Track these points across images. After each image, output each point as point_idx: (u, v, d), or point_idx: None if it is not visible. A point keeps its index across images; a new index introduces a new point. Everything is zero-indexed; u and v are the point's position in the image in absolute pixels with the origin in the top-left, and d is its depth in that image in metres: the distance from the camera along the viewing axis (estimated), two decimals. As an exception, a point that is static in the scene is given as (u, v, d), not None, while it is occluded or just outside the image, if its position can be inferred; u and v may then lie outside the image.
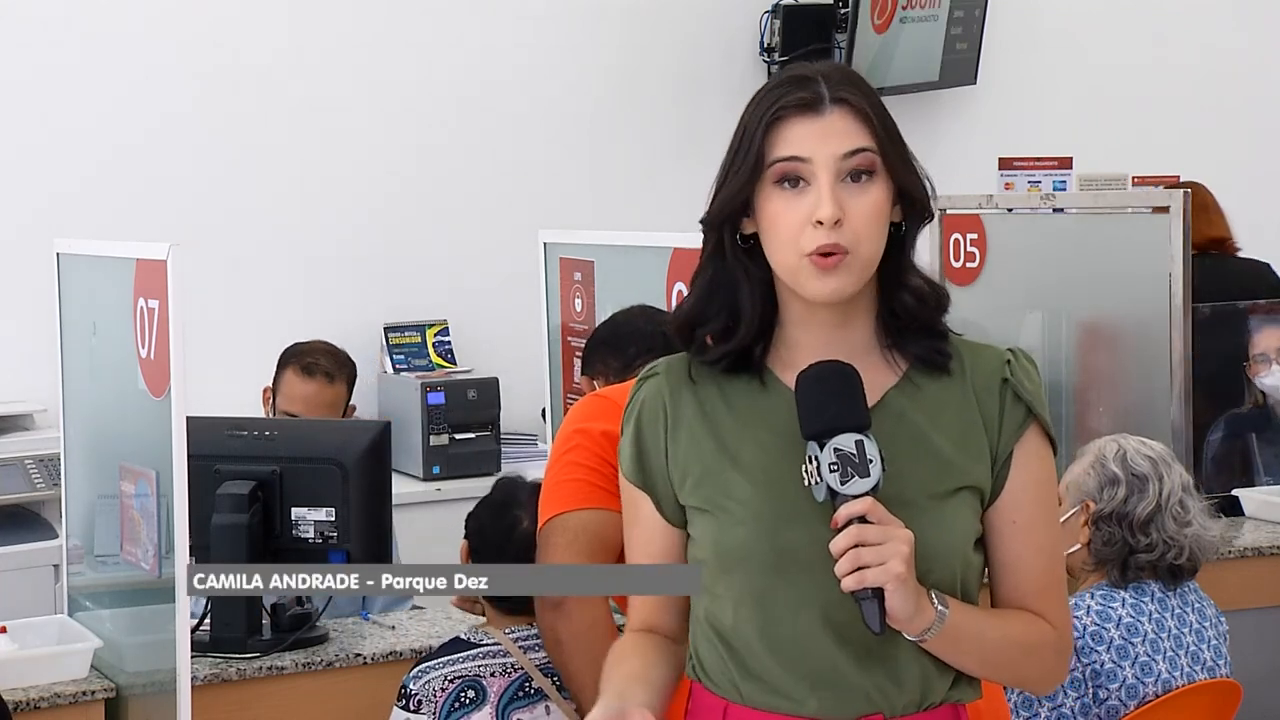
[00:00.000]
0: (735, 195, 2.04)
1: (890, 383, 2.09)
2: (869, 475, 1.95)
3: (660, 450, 2.11)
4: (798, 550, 2.00)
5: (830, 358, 2.03)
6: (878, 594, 1.94)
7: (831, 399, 1.99)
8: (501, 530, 3.13)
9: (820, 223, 1.98)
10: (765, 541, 2.02)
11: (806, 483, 1.98)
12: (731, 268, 2.07)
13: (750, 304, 2.07)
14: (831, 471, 1.96)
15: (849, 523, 1.94)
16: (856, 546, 1.93)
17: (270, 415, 4.51)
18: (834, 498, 1.96)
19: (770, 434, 2.05)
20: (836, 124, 2.01)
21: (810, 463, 1.98)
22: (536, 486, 3.13)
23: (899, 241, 2.07)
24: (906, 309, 2.07)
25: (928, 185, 2.08)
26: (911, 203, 2.06)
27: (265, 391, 4.60)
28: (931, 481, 2.05)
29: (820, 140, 2.00)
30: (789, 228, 2.00)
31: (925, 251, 3.57)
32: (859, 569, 1.93)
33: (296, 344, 4.62)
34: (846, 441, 1.96)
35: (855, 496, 1.95)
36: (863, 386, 2.00)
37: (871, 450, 1.96)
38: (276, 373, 4.55)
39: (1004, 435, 2.08)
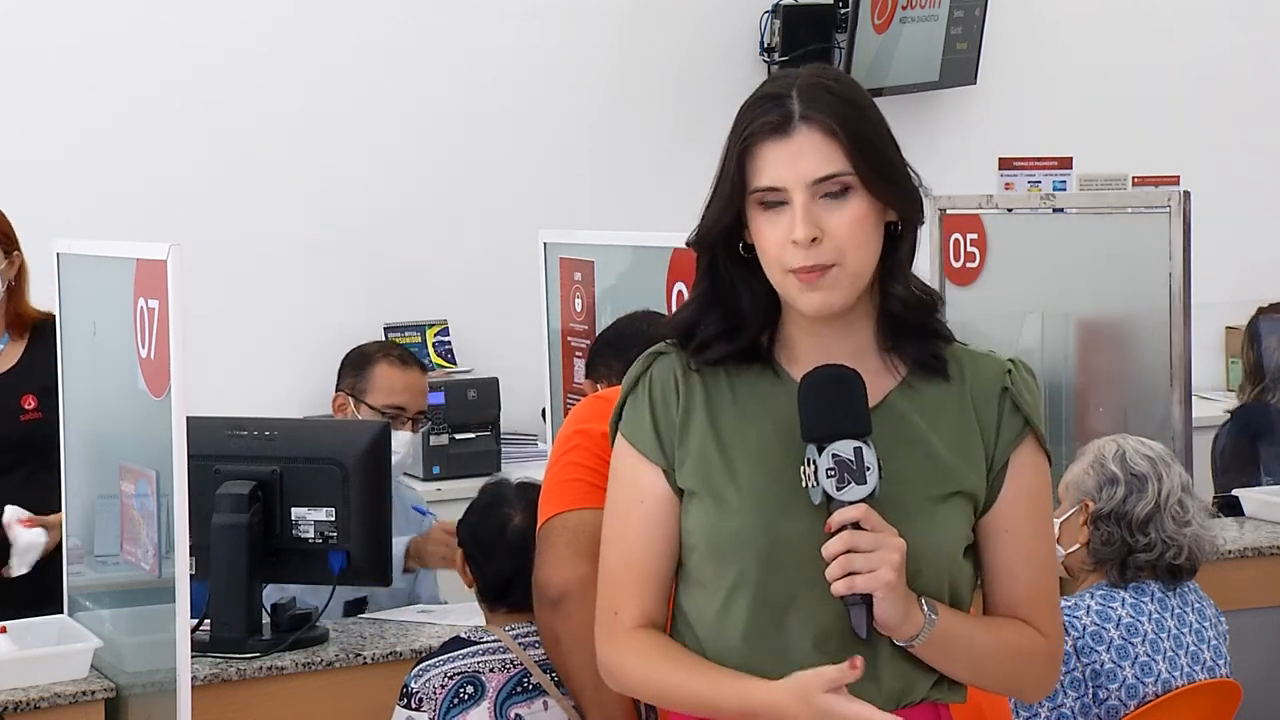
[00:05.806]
0: (718, 220, 2.07)
1: (890, 385, 2.10)
2: (866, 483, 1.96)
3: (673, 425, 2.11)
4: (790, 543, 2.01)
5: (832, 359, 2.05)
6: (866, 600, 1.95)
7: (833, 404, 2.00)
8: (493, 530, 3.14)
9: (796, 243, 1.99)
10: (761, 532, 2.03)
11: (804, 485, 1.99)
12: (729, 280, 2.09)
13: (752, 308, 2.09)
14: (829, 477, 1.97)
15: (842, 527, 1.95)
16: (848, 552, 1.94)
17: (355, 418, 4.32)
18: (829, 502, 1.97)
19: (774, 426, 2.06)
20: (806, 145, 2.01)
21: (808, 465, 1.99)
22: (524, 484, 3.14)
23: (895, 243, 2.07)
24: (898, 313, 2.08)
25: (918, 185, 2.07)
26: (899, 211, 2.06)
27: (338, 399, 4.35)
28: (927, 484, 2.06)
29: (790, 165, 2.01)
30: (772, 247, 2.03)
31: (925, 252, 3.57)
32: (850, 574, 1.94)
33: (362, 346, 4.46)
34: (845, 448, 1.97)
35: (851, 503, 1.96)
36: (865, 393, 2.01)
37: (870, 458, 1.97)
38: (357, 376, 4.33)
39: (1000, 443, 2.10)
